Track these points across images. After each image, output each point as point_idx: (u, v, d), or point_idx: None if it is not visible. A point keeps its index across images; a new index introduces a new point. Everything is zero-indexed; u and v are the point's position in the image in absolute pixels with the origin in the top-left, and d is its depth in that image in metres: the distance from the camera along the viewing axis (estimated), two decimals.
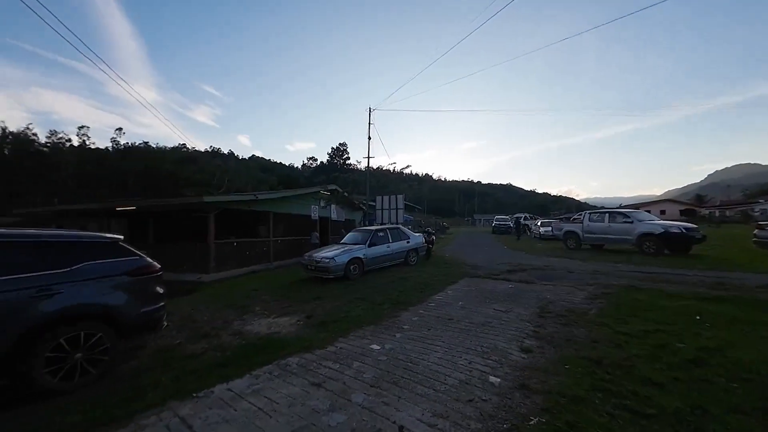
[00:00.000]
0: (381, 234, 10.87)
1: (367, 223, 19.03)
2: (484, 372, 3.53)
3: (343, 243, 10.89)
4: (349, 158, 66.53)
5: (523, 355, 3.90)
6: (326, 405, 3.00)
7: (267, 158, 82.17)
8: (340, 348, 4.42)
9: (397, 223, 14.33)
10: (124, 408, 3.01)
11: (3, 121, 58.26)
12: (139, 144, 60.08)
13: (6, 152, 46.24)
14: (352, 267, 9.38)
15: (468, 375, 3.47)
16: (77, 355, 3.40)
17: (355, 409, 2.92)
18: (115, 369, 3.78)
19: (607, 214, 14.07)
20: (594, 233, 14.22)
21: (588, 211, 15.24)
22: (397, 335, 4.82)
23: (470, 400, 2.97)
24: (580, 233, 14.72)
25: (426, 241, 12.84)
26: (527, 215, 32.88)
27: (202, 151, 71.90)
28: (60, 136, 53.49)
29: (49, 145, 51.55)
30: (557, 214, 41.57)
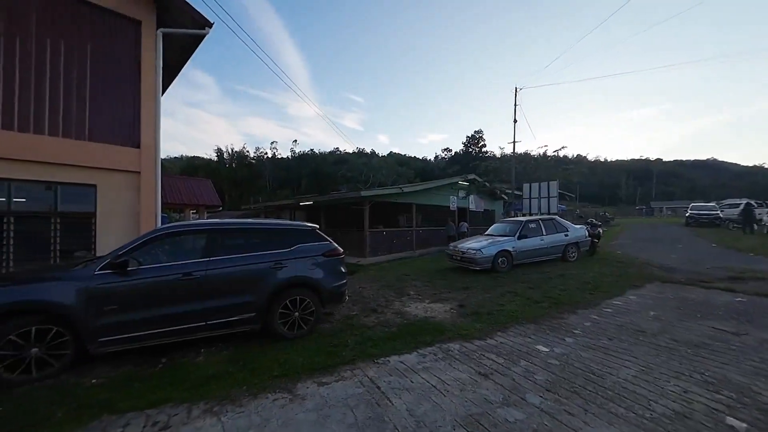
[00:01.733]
0: (533, 225, 9.84)
1: (514, 213, 17.63)
2: (714, 409, 2.69)
3: (489, 234, 10.46)
4: (485, 146, 63.18)
5: None
6: (498, 398, 2.95)
7: (403, 153, 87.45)
8: (501, 342, 4.28)
9: (549, 213, 12.65)
10: (330, 359, 3.83)
11: (232, 144, 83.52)
12: (308, 151, 74.93)
13: (234, 165, 66.14)
14: (500, 260, 8.90)
15: (686, 407, 2.72)
16: (295, 313, 4.54)
17: (533, 410, 2.75)
18: (317, 328, 4.86)
19: None
20: None
21: None
22: (568, 339, 4.28)
23: None
24: None
25: (589, 235, 10.82)
26: (756, 202, 22.74)
27: (351, 152, 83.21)
28: (262, 151, 72.68)
29: (255, 158, 70.83)
30: None
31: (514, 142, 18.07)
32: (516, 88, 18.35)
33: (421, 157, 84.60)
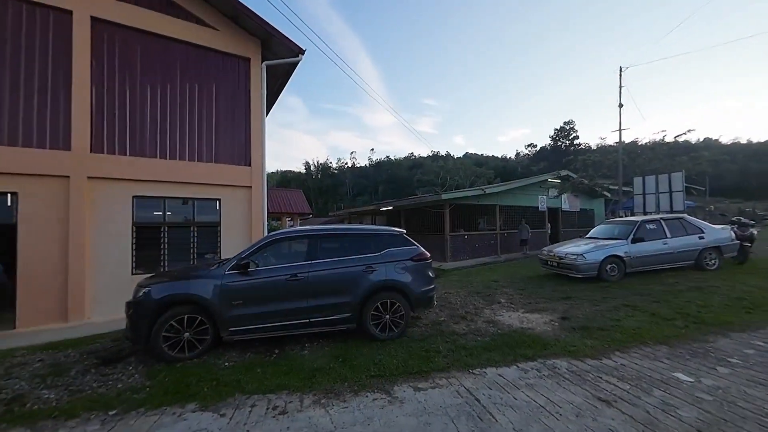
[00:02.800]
0: (652, 226, 8.24)
1: (623, 213, 15.08)
2: None
3: (591, 237, 9.16)
4: (577, 138, 55.94)
5: None
6: None
7: (480, 153, 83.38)
8: (621, 365, 3.65)
9: (674, 211, 10.46)
10: (424, 365, 3.81)
11: (317, 157, 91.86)
12: (384, 158, 77.46)
13: (319, 176, 72.35)
14: (608, 266, 7.69)
15: None
16: (386, 316, 4.65)
17: None
18: (407, 332, 4.90)
19: None
20: None
21: None
22: (721, 369, 3.42)
23: None
24: None
25: (737, 237, 8.56)
26: None
27: (425, 156, 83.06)
28: (343, 161, 78.03)
29: (337, 168, 76.34)
30: None
31: (620, 129, 15.43)
32: (620, 68, 15.75)
33: (500, 156, 79.44)
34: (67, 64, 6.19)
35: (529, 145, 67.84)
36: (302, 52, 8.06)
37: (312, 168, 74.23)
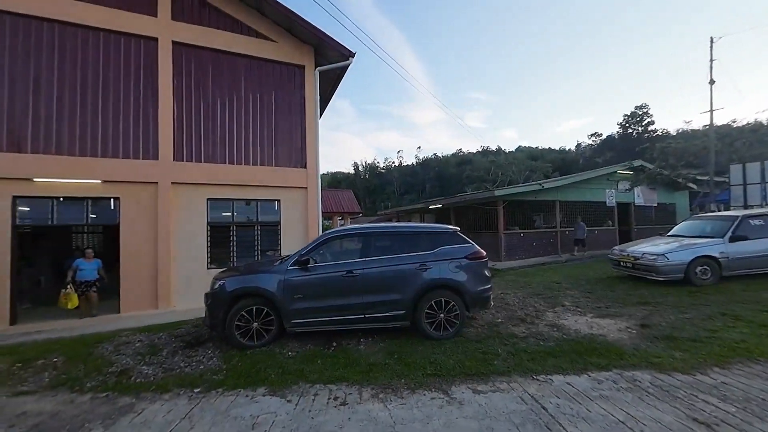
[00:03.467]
0: (757, 222, 6.96)
1: (713, 207, 12.98)
2: None
3: (674, 235, 8.04)
4: (652, 122, 49.25)
5: None
6: None
7: (534, 146, 77.89)
8: (722, 382, 3.14)
9: None
10: (482, 367, 3.67)
11: (365, 158, 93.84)
12: (431, 156, 76.38)
13: (367, 176, 73.71)
14: (698, 269, 6.67)
15: None
16: (441, 315, 4.57)
17: None
18: (462, 332, 4.76)
19: None
20: None
21: None
22: None
23: None
24: None
25: None
26: None
27: (474, 152, 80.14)
28: (390, 160, 78.77)
29: (384, 168, 77.20)
30: None
31: (711, 110, 13.19)
32: (711, 39, 13.52)
33: (557, 148, 73.38)
34: (154, 85, 7.12)
35: (593, 135, 61.17)
36: (352, 55, 8.28)
37: (360, 168, 76.03)
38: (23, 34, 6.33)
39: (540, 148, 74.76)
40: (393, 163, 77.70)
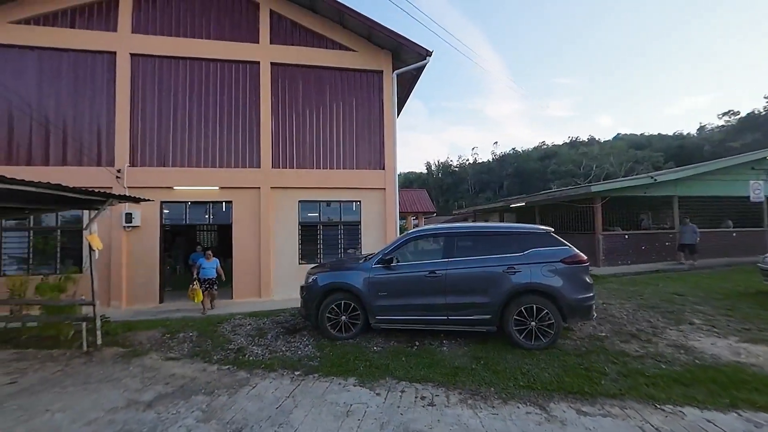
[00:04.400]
0: None
1: None
2: None
3: None
4: None
5: None
6: None
7: (637, 133, 66.10)
8: None
9: None
10: (586, 385, 3.26)
11: (438, 157, 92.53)
12: (510, 151, 71.24)
13: (440, 175, 72.61)
14: None
15: None
16: (531, 322, 4.21)
17: None
18: (557, 343, 4.30)
19: None
20: None
21: None
22: None
23: None
24: None
25: None
26: None
27: (561, 143, 72.04)
28: (463, 158, 76.12)
29: (457, 166, 74.92)
30: None
31: None
32: None
33: (671, 134, 60.82)
34: (257, 103, 8.20)
35: (725, 113, 48.55)
36: (429, 53, 8.23)
37: (432, 167, 75.21)
38: (164, 73, 7.95)
39: (646, 134, 63.17)
40: (467, 160, 74.84)
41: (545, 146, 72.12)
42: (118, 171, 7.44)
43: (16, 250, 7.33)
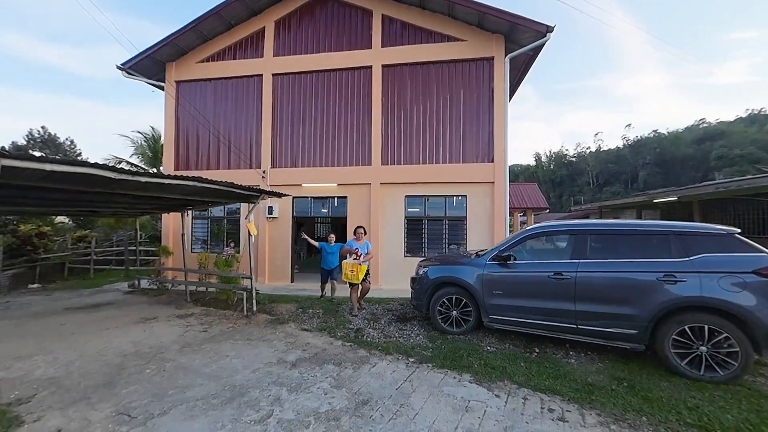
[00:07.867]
0: None
1: None
2: None
3: None
4: None
5: None
6: None
7: None
8: None
9: None
10: None
11: (549, 147, 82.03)
12: (649, 134, 57.83)
13: (552, 167, 64.43)
14: None
15: None
16: (701, 347, 3.33)
17: None
18: (741, 378, 3.29)
19: None
20: None
21: None
22: None
23: None
24: None
25: None
26: None
27: (732, 120, 54.62)
28: (583, 146, 65.63)
29: (575, 155, 65.02)
30: None
31: None
32: None
33: None
34: (369, 104, 8.80)
35: None
36: (551, 30, 7.31)
37: (543, 158, 67.29)
38: (295, 86, 9.28)
39: None
40: (587, 148, 64.28)
41: (705, 124, 56.19)
42: (264, 172, 9.11)
43: (200, 234, 9.80)
